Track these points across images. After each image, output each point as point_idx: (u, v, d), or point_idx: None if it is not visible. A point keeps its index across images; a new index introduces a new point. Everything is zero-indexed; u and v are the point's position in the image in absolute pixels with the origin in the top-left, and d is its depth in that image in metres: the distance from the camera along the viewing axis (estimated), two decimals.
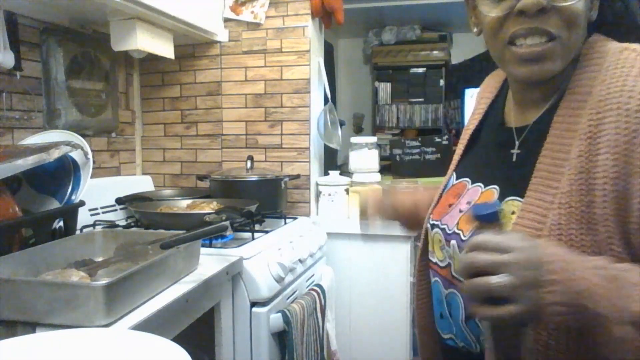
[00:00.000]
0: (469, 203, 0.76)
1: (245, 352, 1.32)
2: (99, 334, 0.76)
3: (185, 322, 1.08)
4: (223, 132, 2.04)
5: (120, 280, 0.87)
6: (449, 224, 0.77)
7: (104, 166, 1.90)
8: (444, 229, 0.78)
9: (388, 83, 4.43)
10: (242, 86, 2.00)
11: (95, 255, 1.19)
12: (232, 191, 1.78)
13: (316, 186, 2.01)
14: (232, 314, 1.31)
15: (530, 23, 0.65)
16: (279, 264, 1.37)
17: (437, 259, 0.80)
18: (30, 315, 0.84)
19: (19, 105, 1.52)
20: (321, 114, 1.99)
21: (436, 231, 0.80)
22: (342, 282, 1.87)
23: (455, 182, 0.84)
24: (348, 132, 4.17)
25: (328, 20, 1.98)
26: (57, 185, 1.33)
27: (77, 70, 1.69)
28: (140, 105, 2.13)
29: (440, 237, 0.78)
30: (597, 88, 0.64)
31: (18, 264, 1.00)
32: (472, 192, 0.78)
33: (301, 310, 1.40)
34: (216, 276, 1.17)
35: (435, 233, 0.80)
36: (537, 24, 0.64)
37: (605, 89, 0.63)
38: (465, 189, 0.79)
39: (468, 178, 0.81)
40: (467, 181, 0.80)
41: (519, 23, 0.65)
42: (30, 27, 1.55)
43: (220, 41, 2.00)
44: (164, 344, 0.69)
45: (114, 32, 1.60)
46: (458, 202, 0.79)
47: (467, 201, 0.77)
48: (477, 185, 0.77)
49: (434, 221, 0.82)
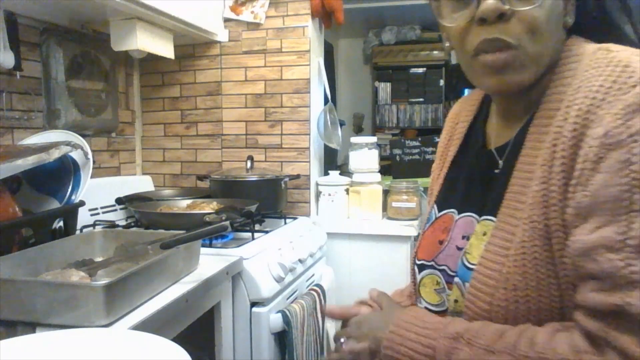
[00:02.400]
0: (465, 238, 0.70)
1: (245, 352, 1.32)
2: (99, 334, 0.76)
3: (185, 322, 1.08)
4: (223, 132, 2.04)
5: (120, 280, 0.87)
6: (450, 265, 0.71)
7: (104, 166, 1.90)
8: (444, 270, 0.72)
9: (388, 83, 4.43)
10: (242, 86, 2.00)
11: (95, 255, 1.19)
12: (232, 191, 1.78)
13: (316, 186, 2.01)
14: (232, 314, 1.31)
15: (491, 32, 0.61)
16: (279, 264, 1.37)
17: (425, 303, 0.75)
18: (30, 315, 0.84)
19: (19, 105, 1.52)
20: (321, 114, 1.99)
21: (429, 272, 0.75)
22: (342, 282, 1.87)
23: (438, 214, 0.79)
24: (348, 132, 4.17)
25: (328, 20, 1.98)
26: (57, 185, 1.33)
27: (77, 70, 1.69)
28: (140, 105, 2.13)
29: (439, 279, 0.73)
30: (569, 94, 0.61)
31: (18, 264, 1.00)
32: (463, 224, 0.72)
33: (301, 310, 1.40)
34: (216, 276, 1.17)
35: (427, 275, 0.75)
36: (497, 34, 0.61)
37: (574, 93, 0.60)
38: (453, 221, 0.74)
39: (453, 209, 0.76)
40: (453, 212, 0.76)
41: (481, 33, 0.62)
42: (30, 27, 1.55)
43: (220, 41, 2.00)
44: (164, 344, 0.69)
45: (114, 32, 1.60)
46: (449, 237, 0.73)
47: (462, 235, 0.72)
48: (468, 216, 0.73)
49: (422, 261, 0.76)
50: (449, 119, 0.88)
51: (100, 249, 1.22)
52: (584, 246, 0.55)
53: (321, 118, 1.98)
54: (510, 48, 0.61)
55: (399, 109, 4.41)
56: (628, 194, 0.53)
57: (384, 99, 4.43)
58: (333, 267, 1.86)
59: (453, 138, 0.84)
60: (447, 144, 0.85)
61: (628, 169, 0.53)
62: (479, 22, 0.62)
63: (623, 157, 0.53)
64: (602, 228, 0.54)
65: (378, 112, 4.44)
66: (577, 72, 0.62)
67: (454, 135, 0.84)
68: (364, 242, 1.90)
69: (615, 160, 0.54)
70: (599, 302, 0.54)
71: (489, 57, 0.62)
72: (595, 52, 0.62)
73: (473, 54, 0.64)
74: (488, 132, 0.78)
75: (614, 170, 0.54)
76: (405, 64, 4.29)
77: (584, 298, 0.55)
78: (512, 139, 0.69)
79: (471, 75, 0.68)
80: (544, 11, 0.61)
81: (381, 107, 4.43)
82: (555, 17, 0.63)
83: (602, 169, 0.54)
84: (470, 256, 0.67)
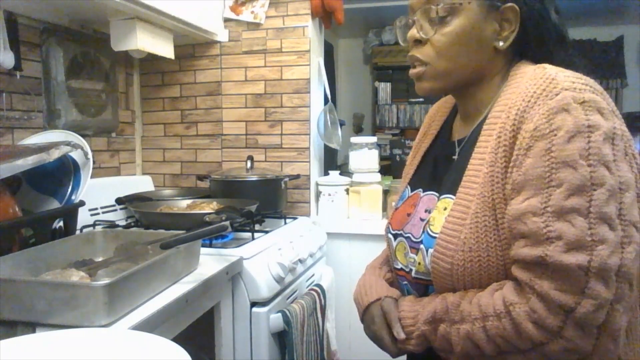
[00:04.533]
0: (428, 211, 0.86)
1: (245, 352, 1.32)
2: (99, 334, 0.76)
3: (185, 322, 1.09)
4: (223, 132, 2.04)
5: (120, 280, 0.87)
6: (414, 233, 0.87)
7: (104, 166, 1.90)
8: (409, 237, 0.88)
9: (388, 83, 4.43)
10: (242, 86, 2.00)
11: (95, 255, 1.19)
12: (232, 191, 1.78)
13: (316, 186, 2.01)
14: (232, 314, 1.31)
15: (412, 52, 0.85)
16: (279, 264, 1.37)
17: (401, 265, 0.91)
18: (30, 315, 0.84)
19: (19, 105, 1.52)
20: (321, 114, 1.99)
21: (400, 240, 0.91)
22: (342, 282, 1.87)
23: (410, 193, 0.96)
24: (348, 132, 4.17)
25: (328, 20, 1.98)
26: (57, 185, 1.33)
27: (77, 70, 1.69)
28: (140, 105, 2.13)
29: (405, 245, 0.89)
30: (512, 99, 0.77)
31: (18, 264, 1.00)
32: (427, 200, 0.89)
33: (301, 310, 1.40)
34: (216, 276, 1.17)
35: (399, 242, 0.91)
36: (413, 52, 0.84)
37: (515, 97, 0.77)
38: (419, 198, 0.91)
39: (420, 188, 0.93)
40: (420, 191, 0.93)
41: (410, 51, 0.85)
42: (30, 27, 1.55)
43: (220, 41, 2.00)
44: (164, 344, 0.69)
45: (114, 32, 1.60)
46: (415, 210, 0.90)
47: (424, 209, 0.88)
48: (431, 194, 0.89)
49: (395, 231, 0.93)
50: (428, 116, 1.06)
51: (100, 249, 1.22)
52: (516, 212, 0.71)
53: (321, 118, 1.98)
54: (423, 64, 0.84)
55: (399, 109, 4.40)
56: (548, 173, 0.69)
57: (384, 99, 4.43)
58: (333, 267, 1.86)
59: (427, 133, 1.02)
60: (422, 138, 1.03)
61: (549, 155, 0.69)
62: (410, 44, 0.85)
63: (546, 146, 0.69)
64: (530, 199, 0.70)
65: (378, 112, 4.43)
66: (521, 84, 0.78)
67: (429, 131, 1.02)
68: (364, 242, 1.90)
69: (540, 148, 0.70)
70: (527, 255, 0.69)
71: (411, 70, 0.86)
72: (535, 69, 0.78)
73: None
74: (453, 128, 0.96)
75: (539, 156, 0.70)
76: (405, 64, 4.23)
77: (516, 253, 0.71)
78: (469, 134, 0.87)
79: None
80: (453, 38, 0.80)
81: (381, 107, 4.43)
82: (470, 42, 0.81)
83: (531, 155, 0.71)
84: (433, 227, 0.82)
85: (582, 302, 0.65)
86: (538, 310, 0.67)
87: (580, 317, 0.65)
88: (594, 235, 0.65)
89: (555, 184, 0.68)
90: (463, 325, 0.74)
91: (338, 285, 1.83)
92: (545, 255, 0.67)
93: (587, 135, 0.68)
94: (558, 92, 0.71)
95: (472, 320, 0.73)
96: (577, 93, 0.71)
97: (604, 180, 0.67)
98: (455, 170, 0.85)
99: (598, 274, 0.65)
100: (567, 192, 0.67)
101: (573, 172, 0.67)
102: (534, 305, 0.68)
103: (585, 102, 0.70)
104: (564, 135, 0.68)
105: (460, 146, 0.88)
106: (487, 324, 0.72)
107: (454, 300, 0.77)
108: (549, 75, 0.74)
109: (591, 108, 0.70)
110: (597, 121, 0.69)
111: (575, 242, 0.65)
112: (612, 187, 0.67)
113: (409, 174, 1.00)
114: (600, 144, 0.68)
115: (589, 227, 0.66)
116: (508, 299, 0.70)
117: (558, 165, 0.68)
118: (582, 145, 0.67)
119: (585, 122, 0.68)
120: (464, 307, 0.75)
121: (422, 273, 0.84)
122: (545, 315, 0.67)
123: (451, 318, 0.76)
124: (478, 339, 0.72)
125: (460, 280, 0.77)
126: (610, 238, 0.66)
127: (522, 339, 0.69)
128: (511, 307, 0.69)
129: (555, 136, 0.69)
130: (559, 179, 0.68)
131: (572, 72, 0.76)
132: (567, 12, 2.34)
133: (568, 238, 0.66)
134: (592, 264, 0.65)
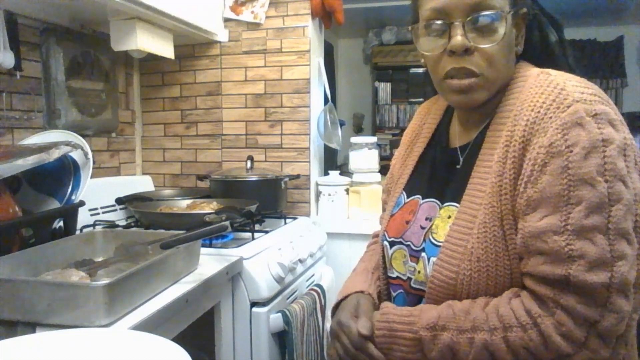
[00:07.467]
0: (429, 219, 0.85)
1: (245, 352, 1.32)
2: (99, 334, 0.76)
3: (185, 322, 1.09)
4: (223, 132, 2.04)
5: (120, 280, 0.87)
6: (414, 241, 0.86)
7: (104, 166, 1.90)
8: (409, 245, 0.87)
9: (388, 83, 4.43)
10: (242, 86, 2.00)
11: (95, 255, 1.19)
12: (232, 191, 1.78)
13: (316, 186, 2.01)
14: (232, 314, 1.31)
15: (459, 62, 0.78)
16: (279, 264, 1.37)
17: (397, 273, 0.90)
18: (30, 315, 0.84)
19: (19, 105, 1.52)
20: (321, 114, 1.99)
21: (398, 248, 0.90)
22: (342, 282, 1.85)
23: (407, 200, 0.94)
24: (348, 132, 4.17)
25: (328, 20, 1.98)
26: (57, 185, 1.33)
27: (77, 70, 1.69)
28: (140, 105, 2.13)
29: (405, 253, 0.88)
30: (517, 106, 0.77)
31: (18, 264, 1.00)
32: (427, 208, 0.87)
33: (301, 310, 1.40)
34: (216, 276, 1.17)
35: (397, 250, 0.90)
36: (463, 64, 0.78)
37: (520, 104, 0.77)
38: (418, 205, 0.89)
39: (419, 195, 0.91)
40: (419, 198, 0.91)
41: (450, 62, 0.79)
42: (30, 27, 1.55)
43: (220, 41, 2.00)
44: (164, 344, 0.69)
45: (114, 32, 1.60)
46: (415, 218, 0.88)
47: (425, 217, 0.86)
48: (431, 201, 0.87)
49: (392, 238, 0.91)
50: (418, 114, 1.04)
51: (100, 249, 1.22)
52: (535, 230, 0.71)
53: (321, 118, 1.98)
54: (474, 75, 0.78)
55: (399, 109, 4.41)
56: (567, 191, 0.69)
57: (384, 99, 4.43)
58: (333, 267, 1.86)
59: (420, 135, 0.99)
60: (414, 139, 1.01)
61: (567, 173, 0.69)
62: (449, 53, 0.78)
63: (563, 164, 0.70)
64: (549, 216, 0.70)
65: (378, 112, 4.44)
66: (524, 90, 0.78)
67: (420, 133, 1.00)
68: (364, 242, 1.88)
69: (557, 165, 0.70)
70: (548, 273, 0.69)
71: (456, 82, 0.79)
72: (539, 75, 0.78)
73: (443, 77, 0.81)
74: (450, 134, 0.93)
75: (556, 173, 0.70)
76: (405, 64, 4.29)
77: (535, 269, 0.71)
78: (472, 141, 0.86)
79: (441, 92, 0.85)
80: (500, 47, 0.78)
81: (381, 107, 4.43)
82: (508, 50, 0.80)
83: (548, 172, 0.71)
84: (436, 235, 0.82)
85: (606, 316, 0.67)
86: (566, 323, 0.68)
87: (604, 330, 0.67)
88: (614, 252, 0.67)
89: (574, 202, 0.68)
90: (478, 335, 0.72)
91: (338, 285, 1.82)
92: (569, 274, 0.67)
93: (602, 150, 0.69)
94: (570, 104, 0.71)
95: (489, 329, 0.72)
96: (589, 105, 0.71)
97: (621, 195, 0.68)
98: (458, 178, 0.84)
99: (619, 289, 0.67)
100: (586, 210, 0.68)
101: (591, 189, 0.68)
102: (560, 318, 0.68)
103: (597, 115, 0.70)
104: (580, 152, 0.69)
105: (463, 154, 0.87)
106: (510, 335, 0.70)
107: (463, 307, 0.75)
108: (557, 84, 0.74)
109: (603, 121, 0.70)
110: (610, 134, 0.70)
111: (596, 260, 0.67)
112: (628, 202, 0.68)
113: (404, 179, 0.97)
114: (615, 158, 0.69)
115: (609, 244, 0.67)
116: (534, 310, 0.70)
117: (576, 183, 0.68)
118: (598, 162, 0.68)
119: (599, 137, 0.69)
120: (476, 314, 0.73)
121: (422, 282, 0.83)
122: (573, 327, 0.68)
123: (459, 326, 0.74)
124: (496, 349, 0.71)
125: (464, 289, 0.76)
126: (628, 253, 0.68)
127: (549, 351, 0.69)
128: (539, 319, 0.69)
129: (572, 153, 0.69)
130: (577, 197, 0.68)
131: (577, 78, 0.76)
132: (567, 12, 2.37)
133: (590, 257, 0.67)
134: (613, 280, 0.66)
